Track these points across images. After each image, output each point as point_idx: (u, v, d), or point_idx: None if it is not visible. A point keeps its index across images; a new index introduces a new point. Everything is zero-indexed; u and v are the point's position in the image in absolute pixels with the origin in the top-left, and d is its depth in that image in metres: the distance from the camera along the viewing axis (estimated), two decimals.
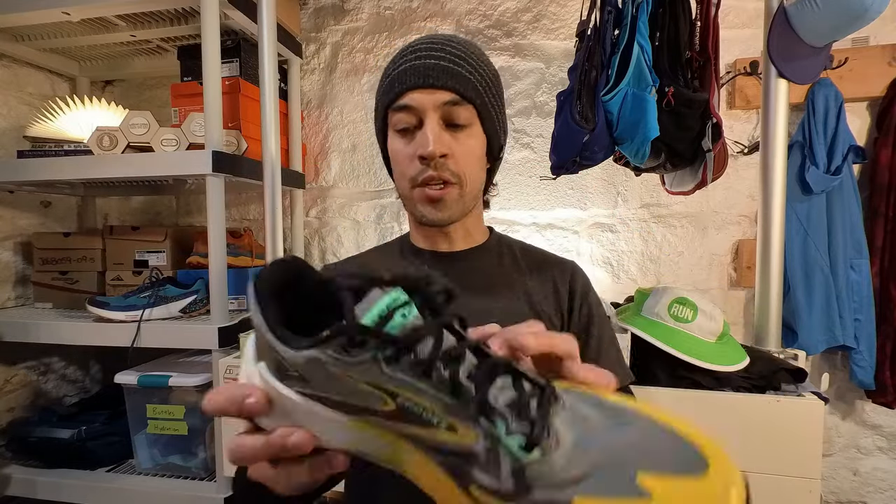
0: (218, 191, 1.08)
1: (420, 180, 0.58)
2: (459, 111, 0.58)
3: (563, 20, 1.40)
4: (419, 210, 0.60)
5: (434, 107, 0.57)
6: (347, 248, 1.57)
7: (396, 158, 0.61)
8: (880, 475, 1.29)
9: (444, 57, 0.58)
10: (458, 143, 0.58)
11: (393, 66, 0.60)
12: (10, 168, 1.16)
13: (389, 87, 0.59)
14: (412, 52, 0.59)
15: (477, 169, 0.62)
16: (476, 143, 0.60)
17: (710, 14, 0.91)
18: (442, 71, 0.57)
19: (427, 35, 0.62)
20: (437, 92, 0.57)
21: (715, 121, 0.90)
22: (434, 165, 0.57)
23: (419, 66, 0.57)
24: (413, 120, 0.58)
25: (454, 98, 0.57)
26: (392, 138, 0.61)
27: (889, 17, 1.21)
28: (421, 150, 0.56)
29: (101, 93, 1.66)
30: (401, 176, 0.61)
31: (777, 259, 0.95)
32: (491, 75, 0.62)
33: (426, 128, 0.57)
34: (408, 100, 0.57)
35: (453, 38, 0.61)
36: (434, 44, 0.59)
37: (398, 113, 0.58)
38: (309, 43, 1.56)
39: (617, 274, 1.40)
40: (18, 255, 1.39)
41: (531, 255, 0.70)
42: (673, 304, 0.90)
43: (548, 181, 1.40)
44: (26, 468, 1.20)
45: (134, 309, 1.13)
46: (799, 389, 0.84)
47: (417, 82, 0.57)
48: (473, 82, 0.59)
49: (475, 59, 0.60)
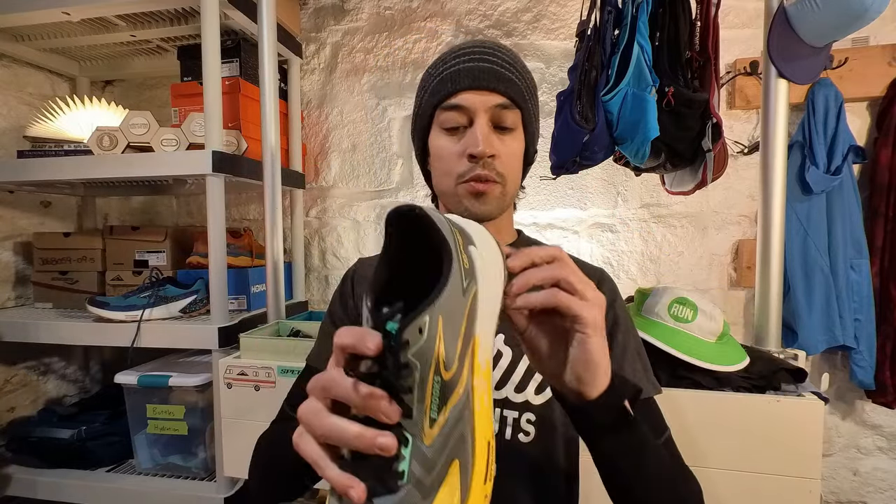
0: (218, 191, 1.08)
1: (468, 177, 0.60)
2: (507, 114, 0.60)
3: (563, 20, 1.40)
4: (463, 204, 0.61)
5: (485, 108, 0.59)
6: (347, 248, 1.57)
7: (441, 155, 0.62)
8: (880, 475, 1.29)
9: (495, 62, 0.60)
10: (503, 145, 0.60)
11: (443, 66, 0.62)
12: (10, 168, 1.16)
13: (440, 87, 0.61)
14: (464, 55, 0.61)
15: (518, 171, 0.64)
16: (519, 147, 0.63)
17: (710, 14, 0.91)
18: (494, 75, 0.59)
19: (474, 39, 0.65)
20: (489, 94, 0.59)
21: (715, 121, 0.90)
22: (482, 164, 0.59)
23: (473, 69, 0.59)
24: (463, 120, 0.60)
25: (504, 102, 0.59)
26: (437, 136, 0.63)
27: (889, 17, 1.21)
28: (472, 149, 0.58)
29: (101, 93, 1.66)
30: (445, 173, 0.62)
31: (777, 259, 0.95)
32: (533, 84, 0.64)
33: (476, 128, 0.58)
34: (460, 100, 0.59)
35: (501, 45, 0.63)
36: (485, 48, 0.61)
37: (448, 112, 0.60)
38: (309, 43, 1.56)
39: (617, 274, 1.40)
40: (18, 255, 1.39)
41: None
42: (673, 304, 0.90)
43: (548, 181, 1.40)
44: (26, 468, 1.20)
45: (134, 309, 1.13)
46: (799, 389, 0.84)
47: (471, 83, 0.59)
48: (521, 88, 0.61)
49: (521, 66, 0.63)
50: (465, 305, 0.31)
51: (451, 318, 0.29)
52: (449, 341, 0.29)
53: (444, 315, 0.28)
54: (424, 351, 0.27)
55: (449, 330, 0.29)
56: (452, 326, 0.29)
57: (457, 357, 0.29)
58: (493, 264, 0.36)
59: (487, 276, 0.35)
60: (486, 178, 0.59)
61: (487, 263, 0.35)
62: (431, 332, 0.27)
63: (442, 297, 0.28)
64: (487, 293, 0.34)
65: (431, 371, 0.28)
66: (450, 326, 0.29)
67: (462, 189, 0.61)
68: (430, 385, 0.28)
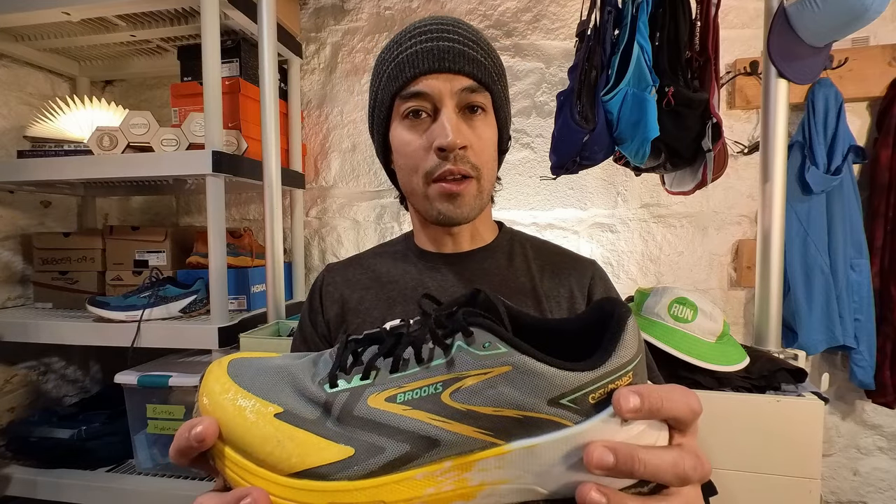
0: (218, 191, 1.08)
1: (437, 175, 0.52)
2: (476, 99, 0.53)
3: (563, 20, 1.40)
4: (436, 208, 0.54)
5: (451, 93, 0.52)
6: (347, 248, 1.57)
7: (405, 151, 0.55)
8: (880, 475, 1.29)
9: (458, 39, 0.52)
10: (474, 134, 0.53)
11: (398, 48, 0.54)
12: (10, 168, 1.16)
13: (397, 72, 0.53)
14: (421, 34, 0.53)
15: (493, 161, 0.57)
16: (492, 134, 0.56)
17: (710, 14, 0.91)
18: (458, 54, 0.51)
19: (430, 16, 0.56)
20: (455, 77, 0.51)
21: (715, 121, 0.89)
22: (453, 158, 0.52)
23: (433, 49, 0.51)
24: (427, 108, 0.53)
25: (471, 85, 0.52)
26: (398, 129, 0.55)
27: (889, 17, 1.21)
28: (439, 142, 0.51)
29: (101, 93, 1.66)
30: (411, 171, 0.55)
31: (777, 259, 0.95)
32: (500, 63, 0.58)
33: (443, 117, 0.51)
34: (421, 86, 0.52)
35: (461, 21, 0.56)
36: (444, 24, 0.53)
37: (409, 101, 0.53)
38: (309, 43, 1.56)
39: (617, 274, 1.40)
40: (18, 255, 1.39)
41: (545, 254, 0.64)
42: (673, 304, 0.90)
43: (548, 181, 1.40)
44: (26, 468, 1.20)
45: (134, 309, 1.13)
46: (799, 389, 0.84)
47: (433, 66, 0.51)
48: (488, 68, 0.54)
49: (485, 43, 0.55)
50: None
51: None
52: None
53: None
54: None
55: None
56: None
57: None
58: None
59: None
60: (459, 174, 0.52)
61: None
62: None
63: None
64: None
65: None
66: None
67: (433, 191, 0.54)
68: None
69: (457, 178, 0.53)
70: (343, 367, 0.30)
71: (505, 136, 0.60)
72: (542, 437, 0.26)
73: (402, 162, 0.56)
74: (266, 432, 0.28)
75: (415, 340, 0.29)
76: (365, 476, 0.27)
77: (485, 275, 0.61)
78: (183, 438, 0.28)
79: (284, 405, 0.29)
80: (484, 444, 0.27)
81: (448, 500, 0.27)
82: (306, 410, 0.29)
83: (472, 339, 0.28)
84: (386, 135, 0.58)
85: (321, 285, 0.67)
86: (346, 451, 0.27)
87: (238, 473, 0.28)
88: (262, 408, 0.28)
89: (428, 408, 0.27)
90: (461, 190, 0.53)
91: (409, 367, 0.29)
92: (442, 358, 0.28)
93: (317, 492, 0.26)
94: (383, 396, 0.28)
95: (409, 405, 0.27)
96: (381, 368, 0.29)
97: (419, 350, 0.29)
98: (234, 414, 0.28)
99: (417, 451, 0.27)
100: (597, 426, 0.26)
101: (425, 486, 0.27)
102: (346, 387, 0.29)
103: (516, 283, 0.61)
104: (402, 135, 0.55)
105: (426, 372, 0.28)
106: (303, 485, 0.27)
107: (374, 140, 0.61)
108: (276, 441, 0.27)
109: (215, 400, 0.29)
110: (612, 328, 0.28)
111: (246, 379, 0.30)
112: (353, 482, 0.27)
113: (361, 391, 0.29)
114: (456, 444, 0.27)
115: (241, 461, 0.28)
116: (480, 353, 0.27)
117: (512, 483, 0.27)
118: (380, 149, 0.61)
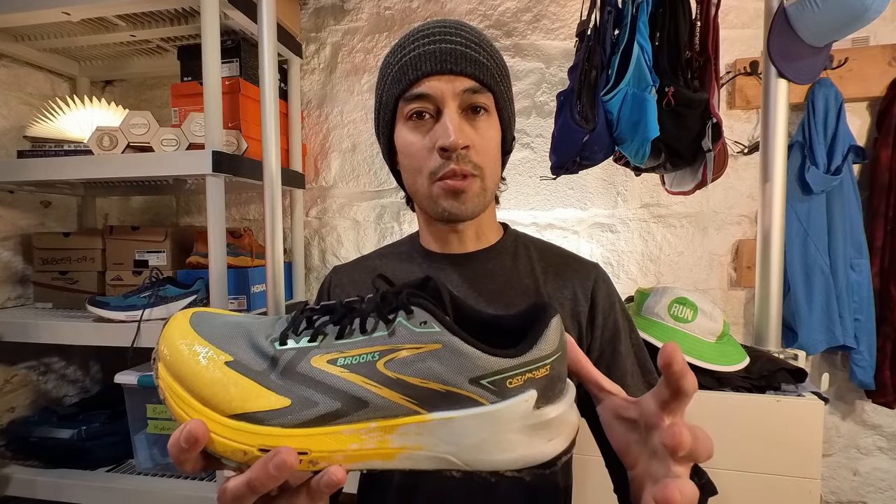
0: (218, 191, 1.08)
1: (441, 174, 0.54)
2: (479, 99, 0.54)
3: (563, 20, 1.40)
4: (441, 205, 0.56)
5: (453, 95, 0.53)
6: (347, 248, 1.57)
7: (409, 152, 0.56)
8: (880, 475, 1.29)
9: (460, 42, 0.54)
10: (477, 134, 0.55)
11: (402, 52, 0.55)
12: (10, 168, 1.16)
13: (401, 75, 0.54)
14: (424, 37, 0.54)
15: (496, 161, 0.58)
16: (495, 134, 0.57)
17: (710, 14, 0.91)
18: (460, 56, 0.53)
19: (434, 19, 0.58)
20: (457, 79, 0.53)
21: (715, 121, 0.90)
22: (456, 158, 0.53)
23: (435, 51, 0.53)
24: (430, 109, 0.54)
25: (474, 86, 0.54)
26: (403, 131, 0.57)
27: (889, 17, 1.21)
28: (442, 142, 0.52)
29: (101, 93, 1.66)
30: (416, 171, 0.56)
31: (777, 259, 0.95)
32: (503, 64, 0.59)
33: (446, 117, 0.53)
34: (425, 87, 0.53)
35: (464, 23, 0.57)
36: (447, 27, 0.55)
37: (412, 103, 0.54)
38: (309, 43, 1.56)
39: (617, 274, 1.40)
40: (18, 255, 1.39)
41: (549, 257, 0.65)
42: (673, 304, 0.90)
43: (548, 181, 1.40)
44: (26, 468, 1.20)
45: (134, 309, 1.13)
46: (799, 389, 0.84)
47: (435, 68, 0.53)
48: (491, 69, 0.55)
49: (488, 45, 0.57)
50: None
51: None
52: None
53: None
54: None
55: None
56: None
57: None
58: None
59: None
60: (462, 174, 0.54)
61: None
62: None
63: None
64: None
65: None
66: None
67: (437, 189, 0.55)
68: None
69: (460, 176, 0.54)
70: (295, 329, 0.33)
71: (509, 137, 0.61)
72: (460, 412, 0.29)
73: (406, 163, 0.58)
74: (215, 376, 0.30)
75: (363, 313, 0.32)
76: (297, 425, 0.29)
77: (489, 275, 0.62)
78: (176, 448, 0.29)
79: (235, 355, 0.31)
80: (408, 411, 0.30)
81: (369, 457, 0.30)
82: (254, 362, 0.31)
83: (412, 317, 0.31)
84: (391, 137, 0.59)
85: (329, 287, 0.68)
86: (283, 402, 0.30)
87: (182, 409, 0.30)
88: (215, 355, 0.31)
89: (363, 372, 0.30)
90: (465, 186, 0.54)
91: (353, 336, 0.31)
92: (384, 330, 0.31)
93: (251, 433, 0.29)
94: (325, 359, 0.31)
95: (347, 368, 0.30)
96: (328, 334, 0.32)
97: (364, 321, 0.32)
98: (188, 357, 0.31)
99: (347, 410, 0.30)
100: (510, 407, 0.29)
101: (350, 442, 0.30)
102: (293, 346, 0.32)
103: (520, 284, 0.61)
104: (406, 136, 0.56)
105: (367, 341, 0.31)
106: (240, 426, 0.29)
107: (380, 142, 0.63)
108: (221, 385, 0.30)
109: (172, 343, 0.32)
110: (538, 324, 0.31)
111: (205, 329, 0.33)
112: (285, 429, 0.29)
113: (307, 351, 0.31)
114: (383, 407, 0.30)
115: (187, 398, 0.30)
116: (417, 329, 0.30)
117: (428, 450, 0.30)
118: (385, 150, 0.62)
